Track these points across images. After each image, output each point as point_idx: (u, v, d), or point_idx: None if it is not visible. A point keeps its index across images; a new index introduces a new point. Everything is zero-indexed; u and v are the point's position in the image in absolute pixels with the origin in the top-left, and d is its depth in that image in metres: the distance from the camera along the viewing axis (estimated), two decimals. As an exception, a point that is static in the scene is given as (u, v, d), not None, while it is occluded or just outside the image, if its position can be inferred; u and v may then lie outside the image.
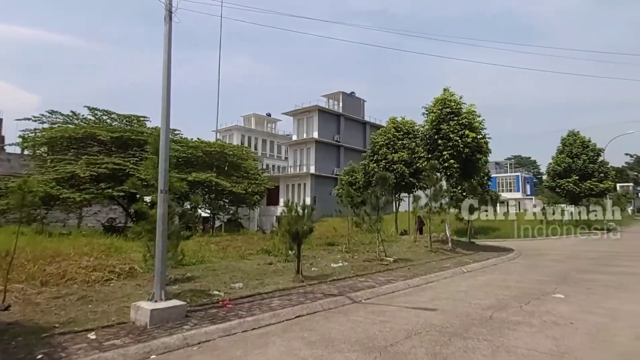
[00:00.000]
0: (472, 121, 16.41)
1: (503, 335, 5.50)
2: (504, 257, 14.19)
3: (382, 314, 6.73)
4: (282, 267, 10.90)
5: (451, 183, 17.89)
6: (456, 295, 8.33)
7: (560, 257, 14.58)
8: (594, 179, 30.72)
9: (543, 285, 9.15)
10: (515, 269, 12.13)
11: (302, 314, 6.65)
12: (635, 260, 13.39)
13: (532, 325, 5.97)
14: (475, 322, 6.20)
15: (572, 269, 11.72)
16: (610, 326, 5.93)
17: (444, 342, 5.24)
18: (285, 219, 9.96)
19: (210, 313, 6.30)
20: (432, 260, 13.12)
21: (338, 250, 14.71)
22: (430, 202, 15.52)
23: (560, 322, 6.14)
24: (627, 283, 9.43)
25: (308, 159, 42.07)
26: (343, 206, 18.05)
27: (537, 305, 7.22)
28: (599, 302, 7.46)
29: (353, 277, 9.84)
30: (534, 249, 18.01)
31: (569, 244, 20.39)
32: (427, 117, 17.19)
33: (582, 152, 31.73)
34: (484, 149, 17.02)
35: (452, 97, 16.78)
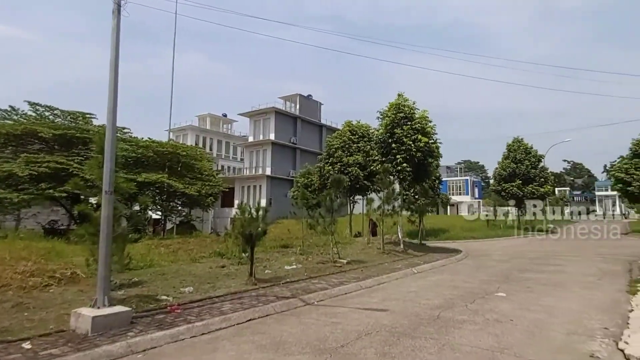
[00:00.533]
0: (425, 126, 16.93)
1: (449, 334, 5.70)
2: (452, 258, 14.72)
3: (334, 316, 6.78)
4: (235, 270, 10.73)
5: (404, 186, 18.34)
6: (406, 295, 8.54)
7: (504, 258, 15.32)
8: (535, 183, 32.53)
9: (487, 285, 9.58)
10: (463, 269, 12.62)
11: (254, 318, 6.57)
12: (571, 260, 14.29)
13: (476, 323, 6.23)
14: (424, 321, 6.38)
15: (514, 268, 12.34)
16: (547, 322, 6.30)
17: (393, 341, 5.35)
18: (239, 221, 9.83)
19: (157, 319, 6.09)
20: (384, 261, 13.38)
21: (292, 252, 14.69)
22: (383, 204, 15.82)
23: (502, 319, 6.45)
24: (563, 281, 10.04)
25: (264, 161, 41.74)
26: (298, 208, 18.09)
27: (482, 304, 7.54)
28: (537, 300, 7.90)
29: (306, 279, 9.85)
30: (481, 249, 18.81)
31: (512, 245, 21.47)
32: (382, 121, 17.54)
33: (525, 158, 33.49)
34: (435, 153, 17.60)
35: (406, 102, 17.23)
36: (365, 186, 22.88)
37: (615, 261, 13.61)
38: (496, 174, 34.97)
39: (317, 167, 26.52)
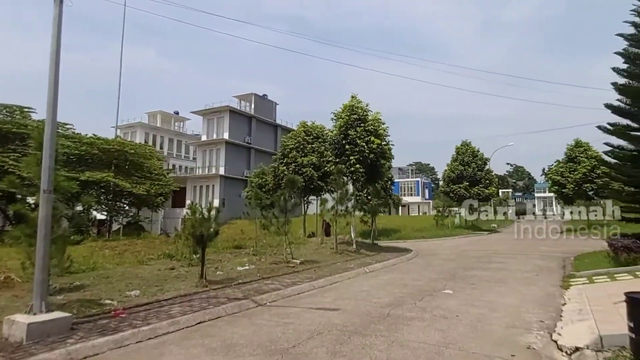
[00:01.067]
0: (378, 128, 17.27)
1: (398, 331, 5.85)
2: (403, 258, 15.12)
3: (286, 316, 6.77)
4: (185, 272, 10.45)
5: (357, 187, 18.62)
6: (358, 294, 8.68)
7: (451, 256, 15.94)
8: (481, 185, 34.14)
9: (435, 283, 9.93)
10: (413, 268, 13.00)
11: (204, 320, 6.43)
12: (512, 258, 15.11)
13: (424, 320, 6.44)
14: (375, 319, 6.52)
15: (460, 266, 12.88)
16: (489, 317, 6.63)
17: (344, 340, 5.42)
18: (190, 222, 9.60)
19: (100, 324, 5.81)
20: (337, 261, 13.52)
21: (245, 253, 14.51)
22: (337, 205, 15.99)
23: (448, 315, 6.71)
24: (504, 278, 10.59)
25: (218, 160, 40.94)
26: (252, 208, 17.86)
27: (429, 301, 7.81)
28: (481, 296, 8.29)
29: (259, 280, 9.76)
30: (430, 249, 19.46)
31: (459, 244, 22.36)
32: (336, 122, 17.71)
33: (472, 160, 35.08)
34: (387, 154, 17.99)
35: (360, 104, 17.50)
36: (319, 187, 23.01)
37: (551, 258, 14.54)
38: (445, 175, 36.36)
39: (271, 167, 26.34)
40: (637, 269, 9.78)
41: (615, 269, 10.24)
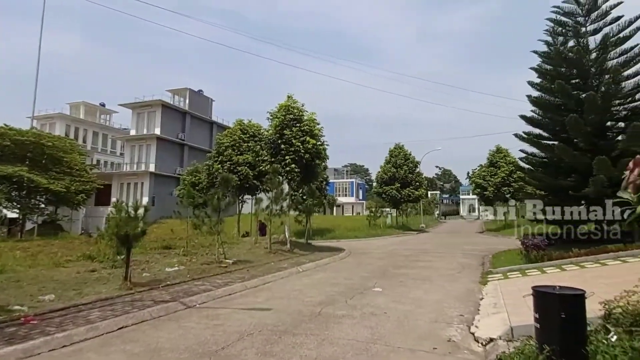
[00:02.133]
0: (313, 128, 17.43)
1: (329, 329, 5.94)
2: (336, 257, 15.38)
3: (216, 318, 6.61)
4: (108, 275, 9.86)
5: (292, 186, 18.66)
6: (291, 294, 8.69)
7: (382, 255, 16.48)
8: (411, 187, 35.66)
9: (366, 281, 10.21)
10: (345, 267, 13.27)
11: (126, 325, 6.09)
12: (438, 256, 15.95)
13: (353, 317, 6.59)
14: (306, 318, 6.56)
15: (390, 265, 13.36)
16: (415, 313, 6.93)
17: (274, 340, 5.40)
18: (114, 221, 9.07)
19: (7, 332, 5.30)
20: (271, 261, 13.45)
21: (175, 253, 13.98)
22: (271, 204, 15.90)
23: (377, 312, 6.93)
24: (430, 275, 11.14)
25: (148, 157, 38.97)
26: (183, 207, 17.25)
27: (360, 299, 8.01)
28: (408, 293, 8.65)
29: (189, 281, 9.45)
30: (362, 248, 19.98)
31: (390, 243, 23.19)
32: (272, 122, 17.62)
33: (404, 163, 36.53)
34: (322, 155, 18.20)
35: (295, 104, 17.55)
36: (254, 186, 22.72)
37: (473, 256, 15.54)
38: (378, 177, 37.53)
39: (205, 165, 25.61)
40: (544, 265, 10.75)
41: (526, 266, 11.17)
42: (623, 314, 4.56)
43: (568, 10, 14.92)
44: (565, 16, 15.01)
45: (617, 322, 4.53)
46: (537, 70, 15.31)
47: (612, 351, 3.61)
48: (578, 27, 14.79)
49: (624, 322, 4.46)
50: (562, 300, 3.76)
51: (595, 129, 13.31)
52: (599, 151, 12.34)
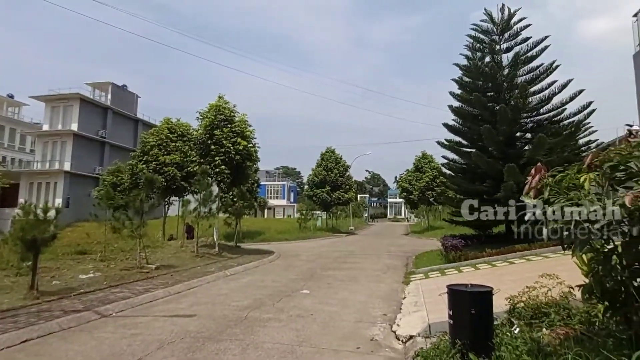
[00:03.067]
0: (244, 130, 17.18)
1: (254, 333, 5.86)
2: (265, 260, 15.25)
3: (134, 327, 6.25)
4: (12, 283, 8.97)
5: (222, 188, 18.24)
6: (217, 298, 8.46)
7: (312, 257, 16.62)
8: (341, 190, 36.38)
9: (294, 283, 10.23)
10: (274, 269, 13.19)
11: (31, 338, 5.56)
12: (365, 258, 16.42)
13: (280, 320, 6.57)
14: (231, 323, 6.42)
15: (319, 267, 13.51)
16: (341, 313, 7.07)
17: (197, 347, 5.22)
18: (19, 224, 8.26)
19: None
20: (197, 265, 13.01)
21: (91, 259, 13.04)
22: (200, 206, 15.40)
23: (304, 314, 6.96)
24: (357, 276, 11.43)
25: (62, 154, 35.85)
26: (102, 209, 16.13)
27: (287, 302, 8.01)
28: (335, 294, 8.80)
29: (105, 289, 8.85)
30: (292, 250, 20.00)
31: (320, 245, 23.45)
32: (201, 121, 17.11)
33: (335, 166, 37.17)
34: (253, 156, 18.00)
35: (227, 104, 17.19)
36: (182, 187, 21.90)
37: (398, 257, 16.20)
38: (310, 180, 37.84)
39: (129, 165, 24.19)
40: (461, 265, 11.49)
41: (445, 265, 11.87)
42: (525, 308, 5.01)
43: (485, 28, 16.13)
44: (482, 34, 16.20)
45: (520, 315, 4.96)
46: (458, 82, 16.37)
47: (514, 342, 3.94)
48: (493, 44, 16.04)
49: (525, 315, 4.90)
50: (473, 297, 4.04)
51: (506, 139, 14.50)
52: (509, 159, 13.44)
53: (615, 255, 3.31)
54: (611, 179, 3.45)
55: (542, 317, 4.73)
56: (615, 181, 3.43)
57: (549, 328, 4.35)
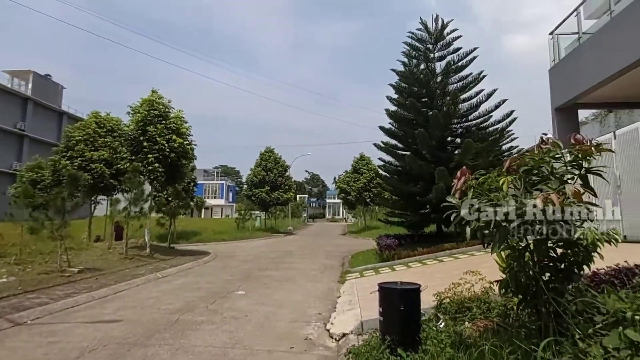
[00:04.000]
0: (180, 127, 16.55)
1: (185, 337, 5.66)
2: (200, 261, 14.80)
3: (52, 334, 5.79)
4: None
5: (156, 187, 17.47)
6: (146, 302, 8.08)
7: (249, 258, 16.39)
8: (280, 190, 36.26)
9: (230, 284, 10.02)
10: (209, 270, 12.85)
11: None
12: (303, 258, 16.48)
13: (213, 323, 6.40)
14: (161, 327, 6.15)
15: (256, 267, 13.36)
16: (276, 314, 7.03)
17: (121, 354, 4.95)
18: None
19: None
20: (126, 267, 12.33)
21: (4, 262, 11.90)
22: (130, 206, 14.61)
23: (238, 316, 6.84)
24: (294, 276, 11.44)
25: (-28, 147, 32.57)
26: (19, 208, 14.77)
27: (221, 303, 7.82)
28: (271, 295, 8.74)
29: (20, 295, 8.13)
30: (229, 251, 19.60)
31: (258, 246, 23.21)
32: (133, 116, 16.25)
33: (274, 166, 36.96)
34: (190, 154, 17.38)
35: (161, 100, 16.45)
36: (111, 185, 20.59)
37: (335, 257, 16.43)
38: (249, 180, 37.33)
39: (51, 161, 22.37)
40: (394, 263, 11.90)
41: (380, 264, 12.23)
42: (450, 303, 5.29)
43: (420, 37, 16.86)
44: (418, 42, 16.92)
45: (446, 310, 5.23)
46: (394, 87, 16.95)
47: (440, 336, 4.14)
48: (428, 52, 16.81)
49: (450, 310, 5.17)
50: (402, 294, 4.19)
51: (438, 143, 15.25)
52: (441, 162, 14.14)
53: (528, 252, 3.59)
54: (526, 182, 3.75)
55: (465, 311, 5.02)
56: (529, 184, 3.72)
57: (471, 321, 4.63)
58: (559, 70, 12.59)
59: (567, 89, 12.01)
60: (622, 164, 9.16)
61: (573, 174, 3.58)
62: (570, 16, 12.13)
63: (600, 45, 10.69)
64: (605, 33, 10.62)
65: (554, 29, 12.83)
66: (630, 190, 8.87)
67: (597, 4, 11.69)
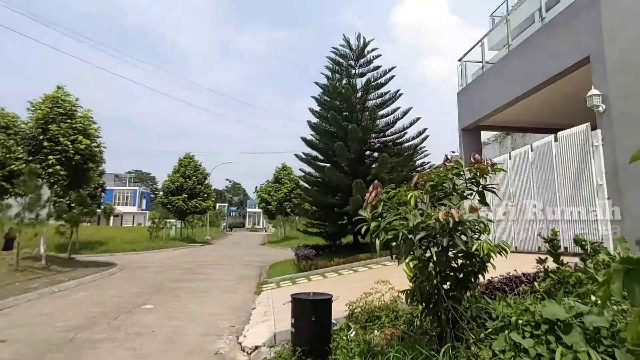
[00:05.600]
0: (88, 127, 15.30)
1: (82, 357, 5.20)
2: (105, 273, 13.70)
3: None
4: None
5: (56, 191, 15.93)
6: (38, 319, 7.28)
7: (161, 269, 15.53)
8: (199, 198, 34.99)
9: (137, 298, 9.39)
10: (114, 283, 11.94)
11: None
12: (220, 268, 15.97)
13: (115, 340, 5.94)
14: (54, 347, 5.58)
15: (168, 279, 12.68)
16: (186, 327, 6.71)
17: (2, 379, 4.39)
18: None
19: None
20: (16, 281, 11.03)
21: None
22: (24, 212, 13.15)
23: (144, 331, 6.42)
24: (208, 288, 11.03)
25: None
26: None
27: (126, 319, 7.29)
28: (182, 308, 8.34)
29: None
30: (139, 262, 18.42)
31: (172, 256, 22.09)
32: (33, 113, 14.73)
33: (193, 173, 35.60)
34: (98, 158, 16.11)
35: (67, 97, 15.11)
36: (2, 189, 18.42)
37: (252, 267, 16.17)
38: (165, 186, 35.54)
39: None
40: (311, 274, 12.01)
41: (297, 275, 12.26)
42: (361, 313, 5.44)
43: (343, 53, 17.46)
44: (341, 57, 17.50)
45: (357, 319, 5.37)
46: (317, 99, 17.30)
47: (349, 345, 4.24)
48: (350, 68, 17.45)
49: (361, 319, 5.32)
50: (314, 305, 4.23)
51: (357, 156, 15.80)
52: (358, 175, 14.64)
53: (431, 262, 3.83)
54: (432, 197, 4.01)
55: (375, 320, 5.20)
56: (435, 199, 3.98)
57: (380, 330, 4.80)
58: (465, 94, 13.72)
59: (472, 111, 13.12)
60: (515, 181, 10.18)
61: (472, 190, 3.90)
62: (476, 46, 13.32)
63: (498, 75, 11.87)
64: (502, 64, 11.81)
65: (462, 56, 13.98)
66: (521, 206, 9.87)
67: (498, 38, 12.98)
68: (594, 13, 7.90)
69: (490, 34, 13.15)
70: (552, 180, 8.83)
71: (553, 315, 2.89)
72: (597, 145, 7.71)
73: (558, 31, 9.07)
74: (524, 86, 10.14)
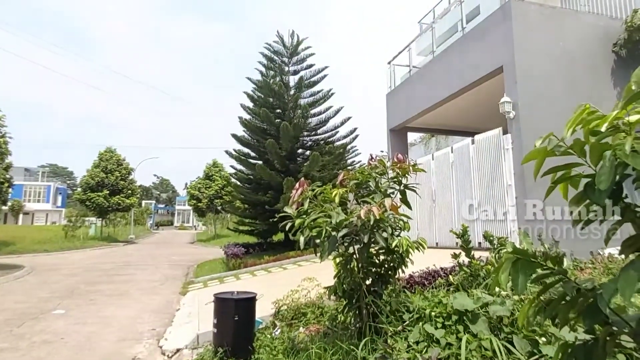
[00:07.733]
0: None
1: (-25, 370, 4.66)
2: (9, 276, 12.41)
3: None
4: None
5: (-49, 186, 14.21)
6: None
7: (77, 271, 14.40)
8: (122, 194, 32.97)
9: (47, 303, 8.63)
10: (20, 288, 10.86)
11: None
12: (143, 268, 15.15)
13: (18, 350, 5.41)
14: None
15: (84, 281, 11.79)
16: (101, 333, 6.27)
17: None
18: None
19: None
20: None
21: None
22: None
23: (52, 339, 5.91)
24: (129, 289, 10.41)
25: None
26: None
27: (32, 326, 6.66)
28: (97, 312, 7.78)
29: None
30: (52, 263, 16.95)
31: (90, 257, 20.59)
32: None
33: (116, 168, 33.42)
34: (2, 149, 14.62)
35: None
36: None
37: (179, 267, 15.54)
38: (83, 182, 33.03)
39: None
40: (240, 272, 11.81)
41: (225, 273, 11.99)
42: (287, 310, 5.44)
43: (277, 49, 17.35)
44: (274, 54, 17.37)
45: (283, 317, 5.36)
46: (250, 96, 17.03)
47: (273, 343, 4.21)
48: (283, 65, 17.39)
49: (287, 316, 5.32)
50: (237, 304, 4.15)
51: (289, 154, 15.79)
52: (290, 173, 14.66)
53: (354, 259, 3.92)
54: (356, 195, 4.10)
55: (301, 317, 5.22)
56: (359, 196, 4.08)
57: (305, 326, 4.82)
58: (393, 95, 14.23)
59: (399, 113, 13.65)
60: (437, 180, 10.76)
61: (394, 189, 4.05)
62: (404, 51, 13.88)
63: (424, 79, 12.46)
64: (427, 69, 12.42)
65: (391, 59, 14.48)
66: (442, 204, 10.46)
67: (425, 44, 13.62)
68: (507, 26, 8.57)
69: (419, 40, 13.76)
70: (470, 180, 9.45)
71: (462, 306, 3.09)
72: (508, 148, 8.38)
73: (476, 42, 9.71)
74: (446, 91, 10.73)
